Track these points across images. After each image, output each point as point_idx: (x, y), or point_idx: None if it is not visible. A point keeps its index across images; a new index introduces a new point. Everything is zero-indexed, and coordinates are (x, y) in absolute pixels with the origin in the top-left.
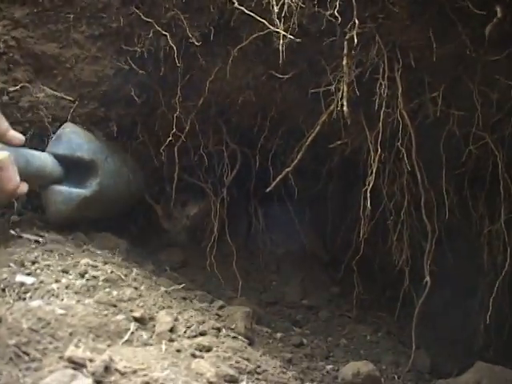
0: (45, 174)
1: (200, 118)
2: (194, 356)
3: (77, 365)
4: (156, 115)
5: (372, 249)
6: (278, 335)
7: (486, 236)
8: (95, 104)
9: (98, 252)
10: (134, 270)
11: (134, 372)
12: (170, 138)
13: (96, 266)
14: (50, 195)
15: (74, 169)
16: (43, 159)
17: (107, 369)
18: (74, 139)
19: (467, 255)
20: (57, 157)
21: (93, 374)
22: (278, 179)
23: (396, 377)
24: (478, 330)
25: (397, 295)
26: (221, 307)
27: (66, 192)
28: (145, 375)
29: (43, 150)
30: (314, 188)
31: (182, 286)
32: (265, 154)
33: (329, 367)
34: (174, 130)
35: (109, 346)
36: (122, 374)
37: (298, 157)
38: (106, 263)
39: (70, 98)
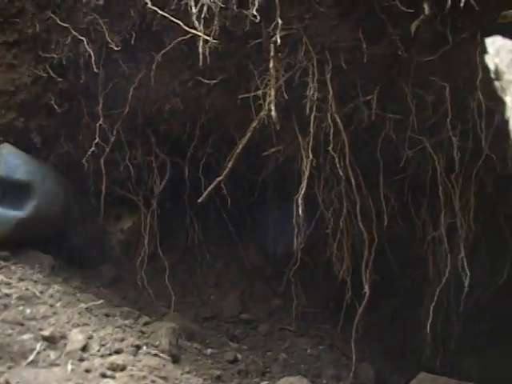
0: None
1: (126, 128)
2: (104, 376)
3: None
4: (80, 126)
5: (314, 260)
6: (209, 351)
7: (430, 243)
8: (13, 114)
9: (18, 269)
10: (56, 286)
11: None
12: (93, 149)
13: (9, 284)
14: None
15: (11, 190)
16: None
17: None
18: (11, 161)
19: (412, 263)
20: None
21: None
22: (209, 189)
23: None
24: (426, 341)
25: (341, 307)
26: (146, 324)
27: (2, 214)
28: None
29: None
30: (250, 198)
31: (100, 301)
32: (196, 163)
33: (264, 383)
34: (98, 139)
35: (9, 367)
36: None
37: (229, 165)
38: (22, 280)
39: None
